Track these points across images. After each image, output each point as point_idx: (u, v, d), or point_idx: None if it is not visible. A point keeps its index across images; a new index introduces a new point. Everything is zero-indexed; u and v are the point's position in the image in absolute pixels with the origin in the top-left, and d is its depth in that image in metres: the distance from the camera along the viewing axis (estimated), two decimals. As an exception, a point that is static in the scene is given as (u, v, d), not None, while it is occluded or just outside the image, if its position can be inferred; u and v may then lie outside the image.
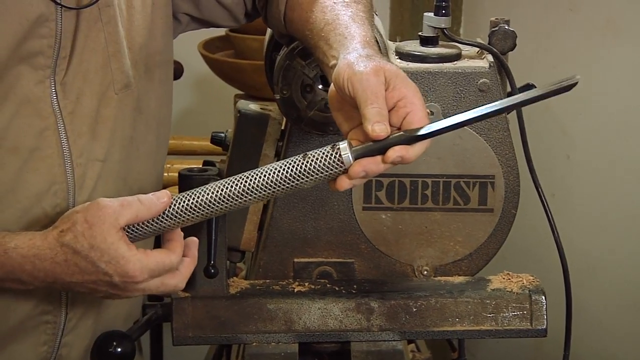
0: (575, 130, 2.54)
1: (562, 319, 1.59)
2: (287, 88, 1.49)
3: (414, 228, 1.56)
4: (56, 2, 1.32)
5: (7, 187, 1.34)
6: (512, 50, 1.56)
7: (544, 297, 1.48)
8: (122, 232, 1.25)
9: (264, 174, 1.24)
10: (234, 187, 1.25)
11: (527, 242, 2.42)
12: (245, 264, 1.89)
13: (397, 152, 1.20)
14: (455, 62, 1.55)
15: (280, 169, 1.24)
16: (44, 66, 1.34)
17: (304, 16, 1.43)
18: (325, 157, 1.22)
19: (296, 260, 1.58)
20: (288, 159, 1.24)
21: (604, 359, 2.50)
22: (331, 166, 1.22)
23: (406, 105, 1.21)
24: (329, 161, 1.22)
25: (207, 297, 1.45)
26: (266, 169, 1.25)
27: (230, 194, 1.26)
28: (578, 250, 2.27)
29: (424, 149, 1.23)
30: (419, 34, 1.60)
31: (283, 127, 1.64)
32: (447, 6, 1.56)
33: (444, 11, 1.56)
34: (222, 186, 1.26)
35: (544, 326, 1.47)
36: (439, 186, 1.55)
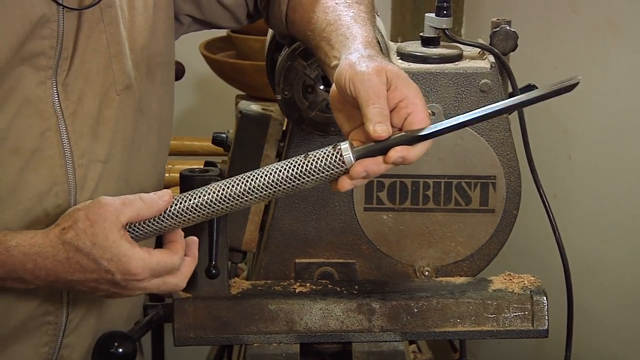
0: (576, 130, 2.54)
1: (563, 319, 1.59)
2: (289, 89, 1.49)
3: (415, 229, 1.56)
4: (58, 2, 1.32)
5: (8, 187, 1.34)
6: (513, 50, 1.56)
7: (545, 297, 1.48)
8: (124, 230, 1.25)
9: (265, 174, 1.24)
10: (235, 188, 1.26)
11: (529, 243, 2.42)
12: (247, 264, 1.89)
13: (398, 152, 1.20)
14: (457, 62, 1.55)
15: (281, 169, 1.24)
16: (45, 67, 1.34)
17: (305, 17, 1.43)
18: (326, 157, 1.22)
19: (297, 260, 1.58)
20: (289, 159, 1.24)
21: (605, 359, 2.50)
22: (332, 166, 1.22)
23: (407, 106, 1.21)
24: (330, 161, 1.22)
25: (209, 297, 1.45)
26: (267, 169, 1.25)
27: (232, 194, 1.26)
28: (579, 250, 2.27)
29: (425, 149, 1.23)
30: (421, 34, 1.60)
31: (284, 128, 1.64)
32: (448, 7, 1.56)
33: (445, 12, 1.56)
34: (223, 186, 1.26)
35: (546, 327, 1.47)
36: (440, 187, 1.55)
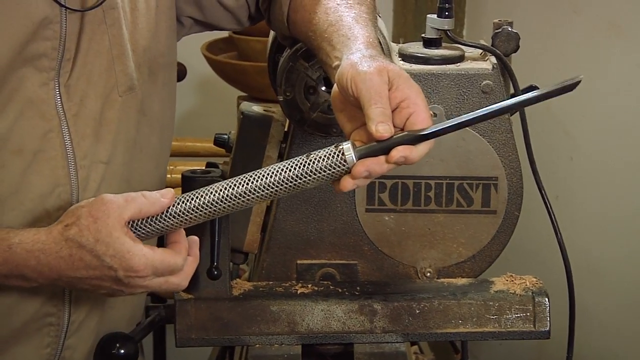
0: (578, 131, 2.54)
1: (565, 320, 1.59)
2: (290, 90, 1.49)
3: (417, 230, 1.56)
4: (61, 4, 1.33)
5: (11, 188, 1.34)
6: (515, 52, 1.56)
7: (547, 299, 1.47)
8: (127, 227, 1.25)
9: (267, 174, 1.25)
10: (237, 187, 1.26)
11: (530, 244, 2.42)
12: (249, 265, 1.89)
13: (400, 152, 1.20)
14: (458, 63, 1.55)
15: (283, 169, 1.24)
16: (48, 68, 1.34)
17: (307, 18, 1.43)
18: (328, 157, 1.22)
19: (299, 262, 1.58)
20: (291, 159, 1.24)
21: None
22: (335, 166, 1.22)
23: (409, 106, 1.21)
24: (332, 161, 1.22)
25: (210, 298, 1.45)
26: (270, 169, 1.25)
27: (234, 194, 1.26)
28: (581, 251, 2.27)
29: (427, 149, 1.23)
30: (422, 35, 1.60)
31: (286, 129, 1.64)
32: (450, 8, 1.56)
33: (447, 13, 1.56)
34: (226, 186, 1.26)
35: (547, 328, 1.47)
36: (442, 188, 1.55)
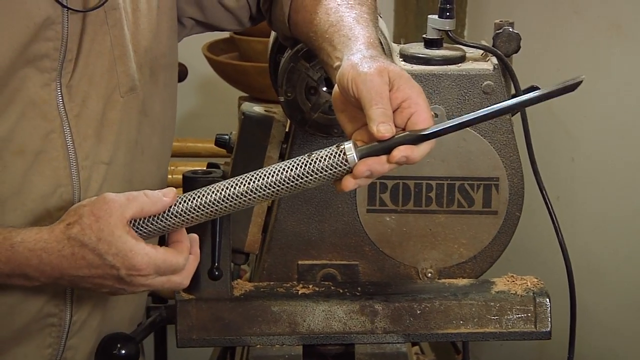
0: (579, 132, 2.54)
1: (566, 320, 1.59)
2: (292, 90, 1.49)
3: (418, 230, 1.56)
4: (63, 4, 1.33)
5: (13, 189, 1.34)
6: (516, 52, 1.56)
7: (548, 299, 1.47)
8: (129, 226, 1.25)
9: (269, 173, 1.25)
10: (239, 187, 1.26)
11: (532, 245, 2.42)
12: (250, 266, 1.89)
13: (402, 152, 1.20)
14: (460, 64, 1.55)
15: (285, 168, 1.24)
16: (50, 69, 1.34)
17: (308, 18, 1.43)
18: (330, 156, 1.22)
19: (300, 262, 1.58)
20: (293, 158, 1.24)
21: (607, 360, 2.51)
22: (336, 166, 1.22)
23: (410, 106, 1.21)
24: (334, 161, 1.22)
25: (211, 299, 1.45)
26: (271, 168, 1.25)
27: (236, 194, 1.26)
28: (582, 252, 2.27)
29: (429, 149, 1.23)
30: (423, 36, 1.60)
31: (287, 130, 1.64)
32: (451, 8, 1.56)
33: (448, 13, 1.56)
34: (227, 186, 1.26)
35: (548, 329, 1.47)
36: (443, 188, 1.55)
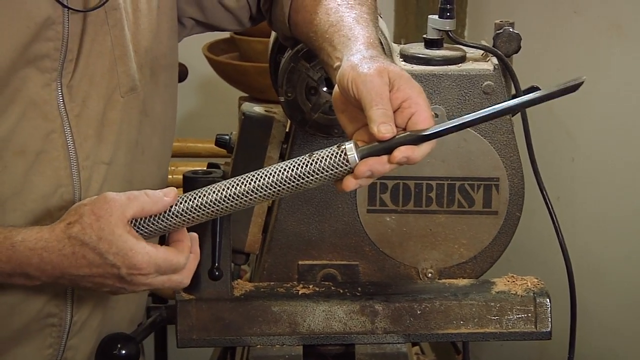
0: (580, 132, 2.54)
1: (566, 320, 1.59)
2: (292, 90, 1.49)
3: (419, 230, 1.56)
4: (63, 4, 1.33)
5: (13, 189, 1.34)
6: (516, 52, 1.56)
7: (548, 299, 1.47)
8: (130, 226, 1.25)
9: (270, 173, 1.25)
10: (240, 187, 1.26)
11: (532, 245, 2.42)
12: (250, 266, 1.89)
13: (403, 152, 1.20)
14: (460, 64, 1.55)
15: (286, 168, 1.24)
16: (50, 69, 1.34)
17: (308, 18, 1.43)
18: (331, 157, 1.22)
19: (300, 262, 1.58)
20: (294, 158, 1.24)
21: (608, 361, 2.51)
22: (337, 166, 1.22)
23: (411, 106, 1.21)
24: (335, 161, 1.22)
25: (212, 299, 1.45)
26: (272, 168, 1.25)
27: (236, 194, 1.26)
28: (582, 252, 2.27)
29: (429, 149, 1.23)
30: (424, 36, 1.60)
31: (287, 130, 1.64)
32: (451, 9, 1.56)
33: (448, 14, 1.56)
34: (228, 185, 1.26)
35: (549, 329, 1.47)
36: (443, 189, 1.55)
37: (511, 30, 1.55)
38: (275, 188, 1.24)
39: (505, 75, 1.55)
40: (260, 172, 1.25)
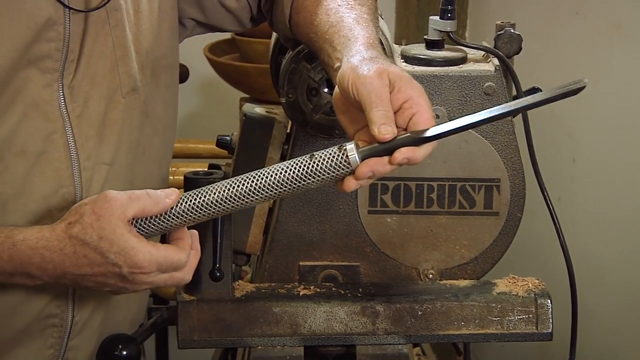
0: (581, 133, 2.54)
1: (567, 321, 1.59)
2: (293, 91, 1.49)
3: (420, 231, 1.56)
4: (65, 4, 1.33)
5: (14, 190, 1.34)
6: (517, 53, 1.56)
7: (549, 300, 1.47)
8: (131, 225, 1.25)
9: (270, 173, 1.24)
10: (240, 187, 1.25)
11: (533, 246, 2.42)
12: (251, 267, 1.89)
13: (403, 153, 1.20)
14: (461, 65, 1.55)
15: (287, 169, 1.24)
16: (51, 70, 1.34)
17: (308, 19, 1.43)
18: (332, 158, 1.22)
19: (302, 263, 1.58)
20: (295, 159, 1.24)
21: (609, 362, 2.50)
22: (338, 167, 1.22)
23: (412, 107, 1.21)
24: (336, 162, 1.22)
25: (213, 300, 1.45)
26: (273, 169, 1.25)
27: (237, 194, 1.26)
28: (583, 253, 2.27)
29: (430, 149, 1.23)
30: (425, 37, 1.60)
31: (289, 131, 1.64)
32: (452, 10, 1.56)
33: (449, 15, 1.56)
34: (228, 185, 1.26)
35: (550, 330, 1.47)
36: (444, 189, 1.55)
37: (512, 31, 1.55)
38: (276, 188, 1.24)
39: (506, 76, 1.55)
40: (261, 172, 1.25)
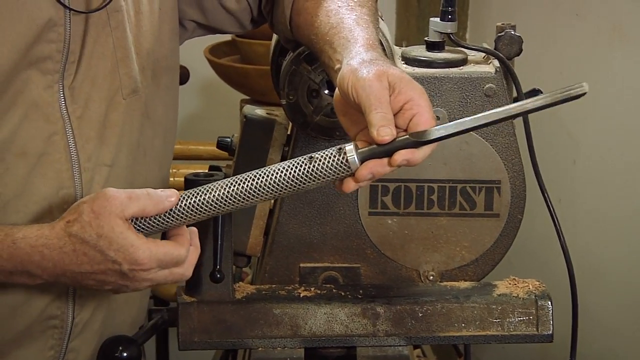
0: (581, 135, 2.54)
1: (568, 323, 1.59)
2: (294, 93, 1.49)
3: (420, 233, 1.56)
4: (65, 5, 1.33)
5: (15, 191, 1.34)
6: (518, 55, 1.56)
7: (550, 302, 1.47)
8: (129, 223, 1.25)
9: (269, 174, 1.24)
10: (239, 186, 1.25)
11: (533, 247, 2.42)
12: (251, 268, 1.89)
13: (403, 155, 1.20)
14: (462, 67, 1.55)
15: (286, 170, 1.24)
16: (52, 71, 1.34)
17: (309, 20, 1.43)
18: (331, 160, 1.22)
19: (302, 265, 1.58)
20: (294, 159, 1.24)
21: (609, 362, 2.50)
22: (337, 169, 1.22)
23: (412, 108, 1.21)
24: (335, 164, 1.22)
25: (213, 301, 1.45)
26: (272, 169, 1.24)
27: (236, 193, 1.25)
28: (584, 254, 2.27)
29: (430, 151, 1.23)
30: (425, 39, 1.60)
31: (289, 132, 1.64)
32: (453, 11, 1.56)
33: (450, 16, 1.56)
34: (228, 185, 1.26)
35: (550, 331, 1.47)
36: (445, 191, 1.55)
37: (513, 32, 1.55)
38: (274, 189, 1.24)
39: (507, 78, 1.55)
40: (259, 173, 1.25)
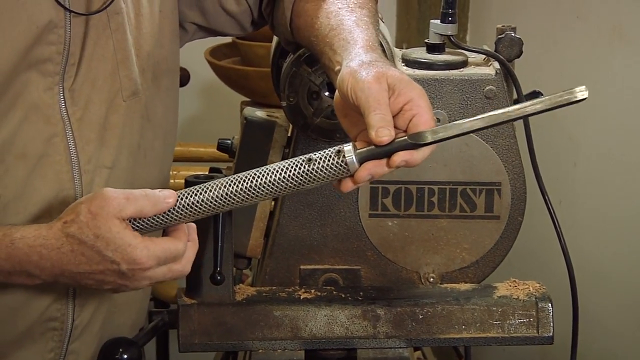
0: (582, 137, 2.53)
1: (568, 325, 1.59)
2: (294, 95, 1.49)
3: (421, 235, 1.56)
4: (66, 7, 1.33)
5: (15, 193, 1.34)
6: (518, 57, 1.56)
7: (550, 304, 1.47)
8: (127, 223, 1.25)
9: (267, 174, 1.24)
10: (238, 185, 1.25)
11: (534, 249, 2.41)
12: (252, 270, 1.89)
13: (401, 156, 1.20)
14: (462, 69, 1.55)
15: (284, 170, 1.24)
16: (52, 73, 1.34)
17: (309, 22, 1.43)
18: (330, 160, 1.22)
19: (302, 267, 1.58)
20: (293, 159, 1.24)
21: (609, 364, 2.50)
22: (336, 169, 1.22)
23: (412, 108, 1.21)
24: (334, 165, 1.22)
25: (214, 303, 1.45)
26: (271, 169, 1.24)
27: (234, 192, 1.25)
28: (584, 256, 2.27)
29: (429, 152, 1.23)
30: (426, 41, 1.60)
31: (289, 134, 1.64)
32: (453, 13, 1.56)
33: (450, 18, 1.56)
34: (226, 184, 1.26)
35: (551, 333, 1.47)
36: (445, 193, 1.55)
37: (513, 34, 1.56)
38: (272, 189, 1.24)
39: (507, 80, 1.55)
40: (258, 171, 1.25)
